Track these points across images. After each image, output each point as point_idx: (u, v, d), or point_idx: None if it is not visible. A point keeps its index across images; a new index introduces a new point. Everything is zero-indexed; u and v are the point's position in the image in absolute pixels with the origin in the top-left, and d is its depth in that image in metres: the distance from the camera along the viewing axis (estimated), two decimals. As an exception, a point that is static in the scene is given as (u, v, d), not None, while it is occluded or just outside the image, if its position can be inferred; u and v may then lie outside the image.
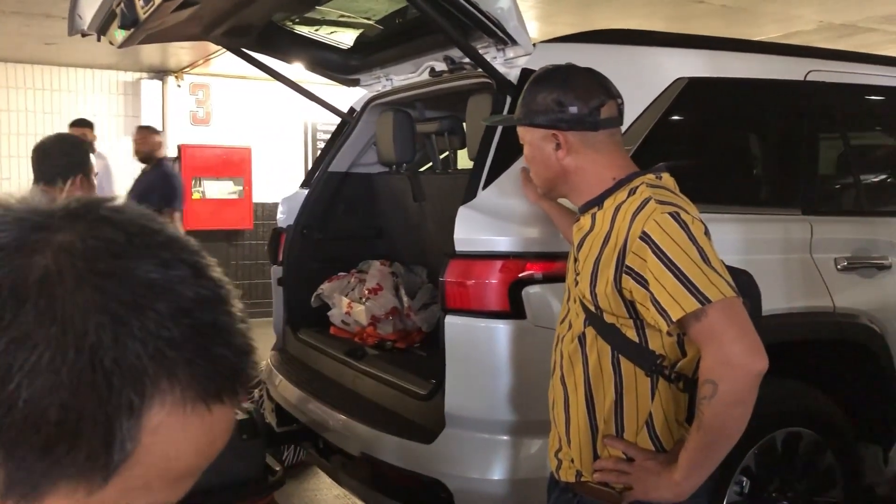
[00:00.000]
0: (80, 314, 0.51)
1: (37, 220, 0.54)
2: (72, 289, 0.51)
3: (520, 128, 1.79)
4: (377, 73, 3.58)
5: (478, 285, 2.36)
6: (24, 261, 0.52)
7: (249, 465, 2.36)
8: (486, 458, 2.38)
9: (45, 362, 0.49)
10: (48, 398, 0.49)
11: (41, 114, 8.11)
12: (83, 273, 0.52)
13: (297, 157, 9.40)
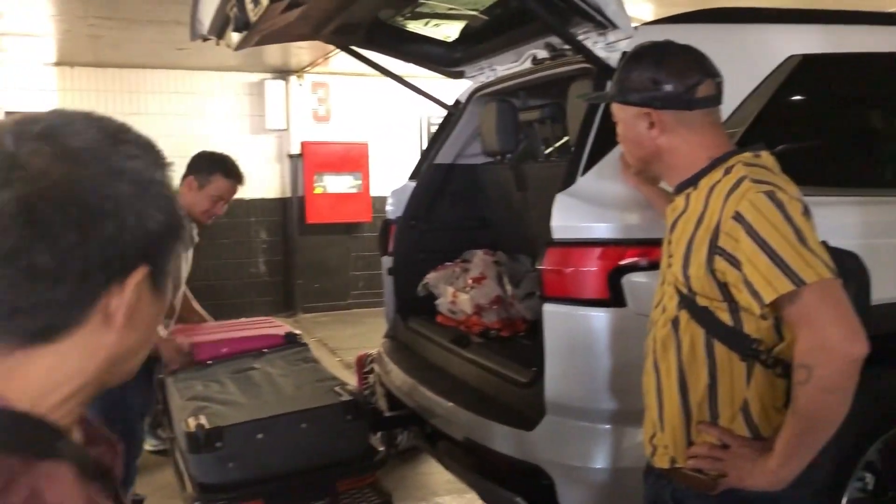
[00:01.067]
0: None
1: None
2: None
3: (613, 106, 1.77)
4: (481, 63, 3.61)
5: (576, 273, 2.34)
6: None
7: (353, 445, 2.45)
8: (588, 447, 2.36)
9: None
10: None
11: (174, 116, 8.63)
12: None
13: (413, 150, 9.56)
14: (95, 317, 0.75)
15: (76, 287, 0.73)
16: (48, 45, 7.35)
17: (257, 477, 2.28)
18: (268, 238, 9.15)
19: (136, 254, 0.76)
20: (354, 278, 9.49)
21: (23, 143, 0.72)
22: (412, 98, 9.53)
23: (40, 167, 0.70)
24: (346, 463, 2.41)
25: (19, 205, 0.69)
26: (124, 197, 0.74)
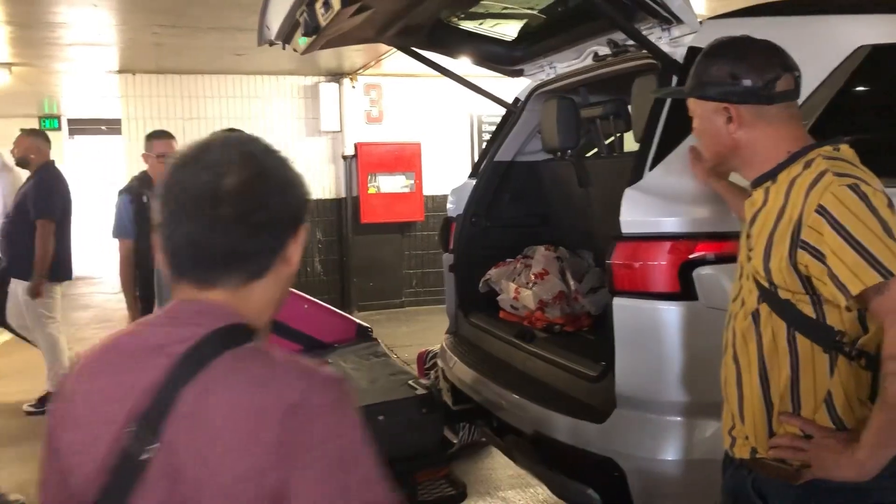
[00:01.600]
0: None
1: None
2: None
3: (690, 100, 1.79)
4: (540, 61, 3.64)
5: (646, 267, 2.36)
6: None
7: (428, 438, 2.51)
8: (659, 439, 2.38)
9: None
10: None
11: (231, 120, 8.82)
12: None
13: (464, 149, 9.64)
14: (282, 260, 1.13)
15: (280, 235, 1.12)
16: (111, 53, 7.60)
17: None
18: (323, 238, 9.30)
19: (301, 215, 1.16)
20: (408, 276, 9.58)
21: (229, 148, 1.12)
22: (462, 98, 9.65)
23: (246, 161, 1.10)
24: (421, 455, 2.46)
25: (243, 183, 1.08)
26: (294, 176, 1.17)
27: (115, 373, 1.05)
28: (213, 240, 1.06)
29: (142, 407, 1.00)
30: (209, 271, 1.08)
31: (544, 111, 3.64)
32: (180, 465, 0.98)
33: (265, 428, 0.98)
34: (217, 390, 1.00)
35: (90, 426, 1.03)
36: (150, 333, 1.08)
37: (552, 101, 3.58)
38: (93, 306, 10.50)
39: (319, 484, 0.98)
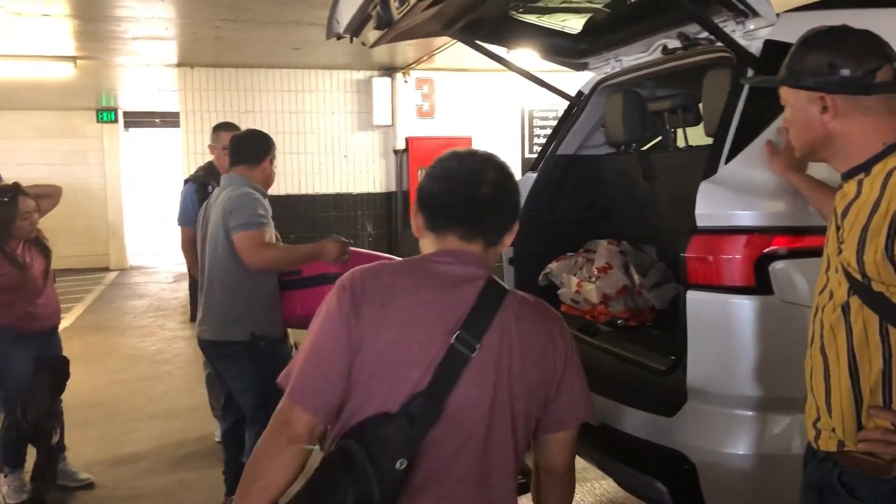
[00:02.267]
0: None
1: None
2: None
3: (782, 89, 1.78)
4: (606, 55, 3.63)
5: (721, 261, 2.35)
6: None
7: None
8: (731, 433, 2.37)
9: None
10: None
11: (288, 113, 8.96)
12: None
13: (514, 144, 9.64)
14: (502, 241, 1.56)
15: (512, 219, 1.56)
16: (172, 47, 7.76)
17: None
18: (373, 231, 9.39)
19: (517, 216, 1.58)
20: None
21: (478, 158, 1.57)
22: (514, 92, 9.63)
23: (496, 169, 1.55)
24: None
25: (502, 182, 1.55)
26: (517, 184, 1.60)
27: (436, 291, 1.45)
28: (481, 207, 1.51)
29: (465, 319, 1.41)
30: (473, 230, 1.51)
31: (609, 105, 3.63)
32: (500, 362, 1.42)
33: (554, 349, 1.50)
34: (523, 318, 1.47)
35: (420, 328, 1.41)
36: (450, 267, 1.49)
37: (618, 94, 3.58)
38: (148, 295, 10.75)
39: (579, 379, 1.56)
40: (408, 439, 1.34)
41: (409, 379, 1.37)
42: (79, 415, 4.75)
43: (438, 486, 1.40)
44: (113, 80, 9.93)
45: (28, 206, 3.91)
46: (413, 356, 1.38)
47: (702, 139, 3.23)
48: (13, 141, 12.87)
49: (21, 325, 3.85)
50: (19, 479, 3.97)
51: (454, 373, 1.37)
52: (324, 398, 1.40)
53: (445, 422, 1.37)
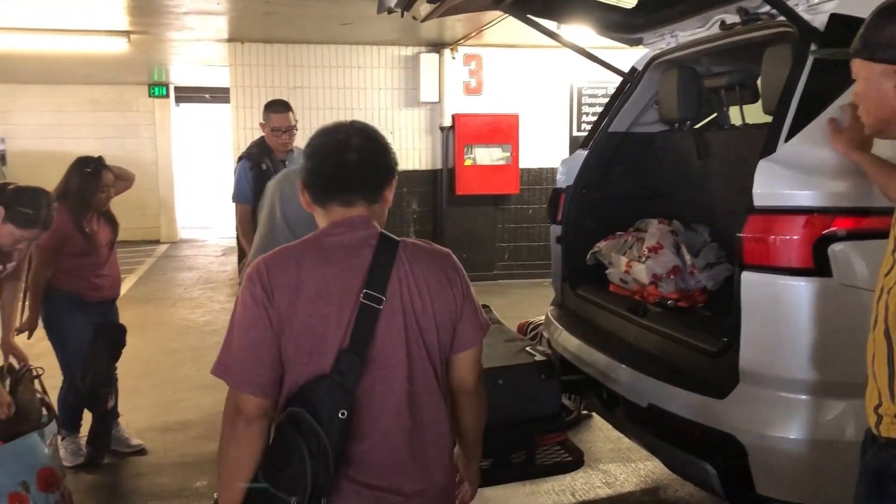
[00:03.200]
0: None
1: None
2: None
3: (855, 62, 1.72)
4: (661, 30, 3.56)
5: (779, 241, 2.31)
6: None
7: (546, 403, 2.53)
8: (784, 417, 2.34)
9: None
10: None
11: (335, 89, 8.98)
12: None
13: (562, 122, 9.53)
14: (384, 196, 1.71)
15: (387, 177, 1.71)
16: (223, 22, 7.81)
17: (458, 427, 2.41)
18: (418, 209, 9.40)
19: (393, 171, 1.73)
20: (501, 250, 9.59)
21: (343, 128, 1.72)
22: (563, 69, 9.49)
23: (360, 135, 1.70)
24: (539, 419, 2.49)
25: (367, 146, 1.69)
26: (388, 144, 1.74)
27: (334, 262, 1.60)
28: (350, 173, 1.67)
29: (367, 278, 1.58)
30: (351, 195, 1.66)
31: (663, 81, 3.56)
32: (405, 306, 1.60)
33: (450, 283, 1.67)
34: (417, 262, 1.64)
35: (330, 298, 1.57)
36: (343, 236, 1.64)
37: (673, 70, 3.51)
38: (197, 268, 10.95)
39: (473, 303, 1.72)
40: (344, 392, 1.53)
41: (332, 341, 1.55)
42: (131, 383, 4.86)
43: (378, 422, 1.59)
44: (165, 54, 10.05)
45: (108, 180, 4.02)
46: (331, 322, 1.56)
47: (759, 117, 3.16)
48: (68, 114, 13.15)
49: (83, 293, 3.96)
50: (75, 443, 4.10)
51: (369, 326, 1.56)
52: (262, 379, 1.57)
53: (371, 369, 1.57)
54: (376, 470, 1.60)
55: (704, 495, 3.53)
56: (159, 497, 3.73)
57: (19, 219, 3.12)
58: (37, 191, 3.23)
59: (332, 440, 1.50)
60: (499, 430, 2.46)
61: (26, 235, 3.19)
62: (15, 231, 3.14)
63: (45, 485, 3.11)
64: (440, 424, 1.68)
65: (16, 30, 7.97)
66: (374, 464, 1.60)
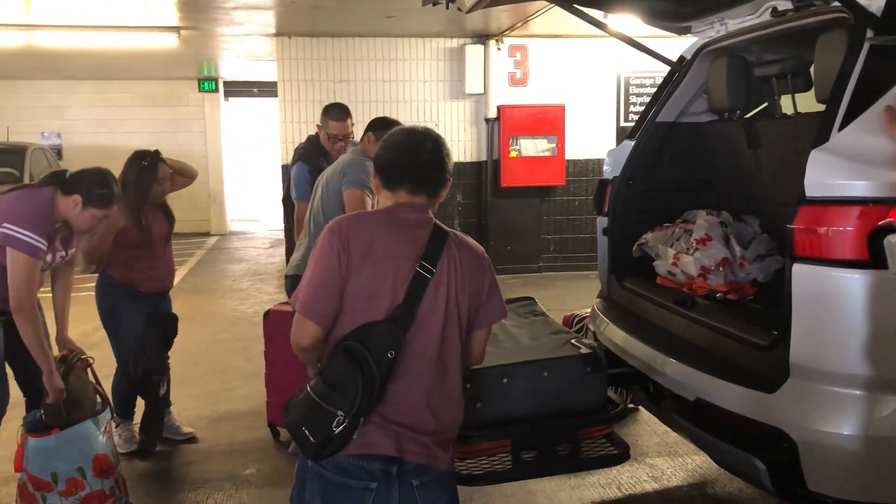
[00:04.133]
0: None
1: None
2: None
3: None
4: (711, 18, 3.49)
5: (832, 233, 2.25)
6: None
7: (592, 396, 2.51)
8: (836, 412, 2.28)
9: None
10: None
11: (381, 82, 9.02)
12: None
13: (609, 112, 9.43)
14: (438, 195, 2.07)
15: (447, 178, 2.08)
16: (270, 17, 7.91)
17: (502, 418, 2.41)
18: (463, 200, 9.40)
19: (449, 174, 2.09)
20: (546, 242, 9.54)
21: (419, 132, 2.11)
22: (610, 59, 9.40)
23: (433, 141, 2.08)
24: (584, 413, 2.48)
25: (437, 151, 2.07)
26: (449, 151, 2.11)
27: (399, 234, 1.96)
28: (422, 169, 2.04)
29: (424, 252, 1.94)
30: (418, 187, 2.03)
31: (713, 70, 3.50)
32: (449, 281, 1.95)
33: (482, 271, 2.03)
34: (461, 249, 2.00)
35: (393, 260, 1.92)
36: (409, 215, 2.01)
37: (722, 59, 3.44)
38: (246, 259, 11.13)
39: (497, 293, 2.07)
40: (394, 337, 1.88)
41: (387, 295, 1.91)
42: (182, 372, 4.96)
43: (413, 368, 1.93)
44: (214, 49, 10.22)
45: (165, 173, 4.11)
46: (389, 280, 1.91)
47: (812, 106, 3.08)
48: (120, 109, 13.46)
49: (138, 283, 4.04)
50: (129, 430, 4.20)
51: (420, 289, 1.91)
52: (323, 311, 1.92)
53: (416, 324, 1.92)
54: (400, 408, 1.92)
55: (753, 491, 3.48)
56: (209, 484, 3.81)
57: (100, 200, 3.28)
58: (100, 170, 3.40)
59: (380, 372, 1.85)
60: (543, 422, 2.46)
61: (108, 213, 3.38)
62: (97, 213, 3.31)
63: (100, 471, 3.21)
64: (456, 383, 2.01)
65: (70, 27, 8.18)
66: (399, 403, 1.92)
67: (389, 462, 1.89)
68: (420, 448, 1.92)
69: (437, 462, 1.95)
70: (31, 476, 3.13)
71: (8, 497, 3.40)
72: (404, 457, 1.90)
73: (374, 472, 1.89)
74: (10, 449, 3.25)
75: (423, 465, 1.92)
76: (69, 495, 3.14)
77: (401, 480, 1.91)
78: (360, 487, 1.89)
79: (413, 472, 1.92)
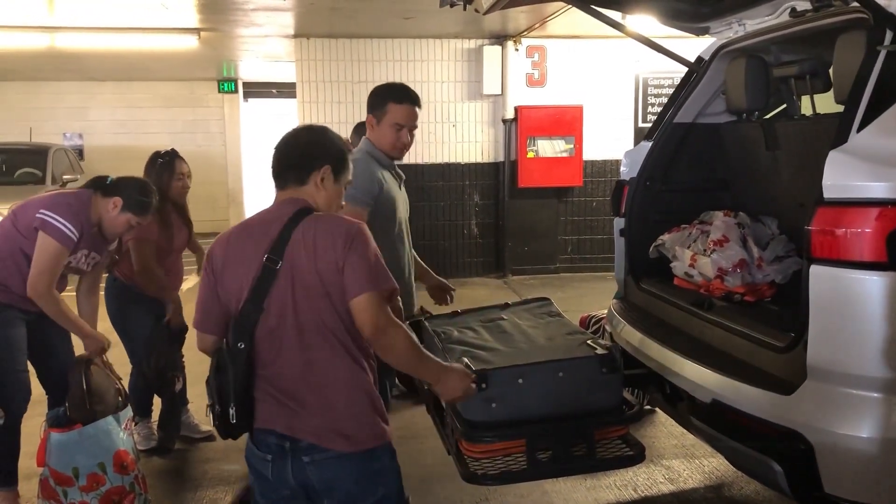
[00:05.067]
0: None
1: None
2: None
3: None
4: (729, 18, 3.48)
5: (850, 234, 2.24)
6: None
7: (608, 397, 2.51)
8: (854, 415, 2.27)
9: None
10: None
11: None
12: None
13: (627, 113, 9.40)
14: (313, 180, 2.16)
15: (312, 165, 2.17)
16: (289, 18, 7.96)
17: (518, 419, 2.42)
18: (480, 201, 9.40)
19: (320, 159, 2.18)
20: (563, 242, 9.53)
21: (291, 131, 2.30)
22: (628, 60, 9.37)
23: (292, 134, 2.27)
24: (599, 413, 2.48)
25: (287, 142, 2.23)
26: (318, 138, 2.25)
27: (254, 235, 2.08)
28: (275, 168, 2.19)
29: (272, 245, 2.02)
30: (280, 181, 2.18)
31: (731, 71, 3.49)
32: (295, 266, 2.01)
33: (339, 243, 2.01)
34: (311, 228, 2.04)
35: (245, 262, 2.05)
36: (266, 213, 2.13)
37: (740, 59, 3.43)
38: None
39: (359, 264, 2.01)
40: (241, 329, 2.03)
41: (241, 292, 2.04)
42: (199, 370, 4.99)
43: (278, 353, 2.04)
44: (233, 51, 10.29)
45: (183, 169, 4.14)
46: (242, 279, 2.05)
47: (831, 106, 3.06)
48: (141, 110, 13.59)
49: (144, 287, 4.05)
50: (148, 427, 4.25)
51: (268, 281, 2.02)
52: (212, 321, 2.12)
53: (268, 313, 2.03)
54: (282, 387, 2.05)
55: (770, 494, 3.46)
56: (226, 482, 3.84)
57: (138, 207, 3.41)
58: (141, 180, 3.55)
59: (234, 362, 2.01)
60: (561, 422, 2.47)
61: (142, 222, 3.49)
62: (132, 218, 3.41)
63: (121, 467, 3.25)
64: (332, 363, 2.05)
65: (92, 29, 8.28)
66: (282, 382, 2.05)
67: (283, 438, 2.04)
68: (311, 428, 2.02)
69: (333, 443, 2.02)
70: (53, 471, 3.18)
71: (30, 492, 3.45)
72: (295, 435, 2.03)
73: (270, 445, 2.05)
74: (33, 444, 3.31)
75: (314, 445, 2.02)
76: (90, 490, 3.18)
77: (294, 456, 2.04)
78: (260, 457, 2.08)
79: (305, 450, 2.03)
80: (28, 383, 3.39)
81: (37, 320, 3.38)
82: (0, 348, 3.29)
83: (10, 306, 3.30)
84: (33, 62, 10.84)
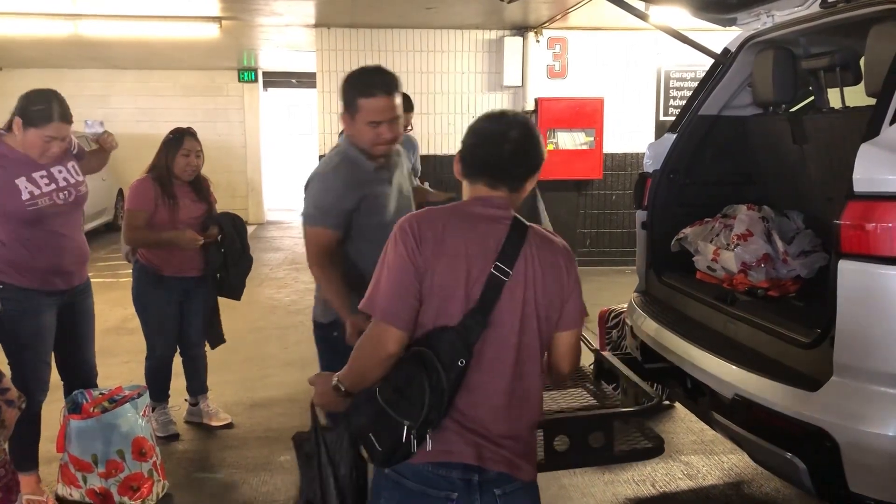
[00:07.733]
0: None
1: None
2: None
3: None
4: (757, 10, 3.43)
5: (880, 229, 2.20)
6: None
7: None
8: (881, 412, 2.23)
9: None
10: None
11: (419, 73, 9.01)
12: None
13: (649, 106, 9.31)
14: (523, 188, 1.87)
15: (532, 170, 1.87)
16: (310, 8, 7.94)
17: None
18: (499, 193, 9.34)
19: (539, 168, 1.88)
20: (582, 236, 9.47)
21: (507, 119, 1.88)
22: (650, 52, 9.26)
23: (520, 129, 1.86)
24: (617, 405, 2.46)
25: (522, 140, 1.86)
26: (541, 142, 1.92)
27: (472, 228, 1.79)
28: (502, 162, 1.84)
29: (499, 251, 1.77)
30: (498, 180, 1.83)
31: (758, 63, 3.44)
32: (524, 283, 1.78)
33: (566, 272, 1.84)
34: (542, 248, 1.82)
35: (465, 259, 1.75)
36: (483, 210, 1.82)
37: (768, 51, 3.38)
38: (283, 249, 11.22)
39: (579, 294, 1.88)
40: (465, 344, 1.74)
41: (460, 297, 1.76)
42: (220, 358, 5.02)
43: (487, 377, 1.78)
44: (254, 40, 10.29)
45: (191, 146, 4.05)
46: (462, 281, 1.76)
47: (861, 100, 3.01)
48: (162, 98, 13.64)
49: (159, 266, 4.03)
50: (165, 413, 4.25)
51: (495, 293, 1.75)
52: (407, 315, 1.77)
53: (490, 329, 1.76)
54: (477, 416, 1.79)
55: (791, 491, 3.42)
56: (245, 469, 3.85)
57: (37, 116, 3.16)
58: (34, 91, 3.25)
59: (449, 382, 1.72)
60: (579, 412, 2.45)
61: (49, 133, 3.20)
62: (42, 133, 3.18)
63: (139, 454, 3.27)
64: (535, 391, 1.86)
65: (115, 17, 8.31)
66: (476, 411, 1.79)
67: (470, 471, 1.78)
68: (501, 457, 1.80)
69: (520, 471, 1.83)
70: (73, 457, 3.20)
71: (50, 476, 3.47)
72: (485, 465, 1.79)
73: (454, 482, 1.78)
74: (53, 430, 3.33)
75: (504, 475, 1.81)
76: (109, 477, 3.20)
77: (483, 490, 1.79)
78: (440, 497, 1.79)
79: (495, 482, 1.80)
80: (49, 372, 3.40)
81: (65, 305, 3.38)
82: (30, 338, 3.26)
83: (34, 291, 3.27)
84: (57, 50, 10.89)
